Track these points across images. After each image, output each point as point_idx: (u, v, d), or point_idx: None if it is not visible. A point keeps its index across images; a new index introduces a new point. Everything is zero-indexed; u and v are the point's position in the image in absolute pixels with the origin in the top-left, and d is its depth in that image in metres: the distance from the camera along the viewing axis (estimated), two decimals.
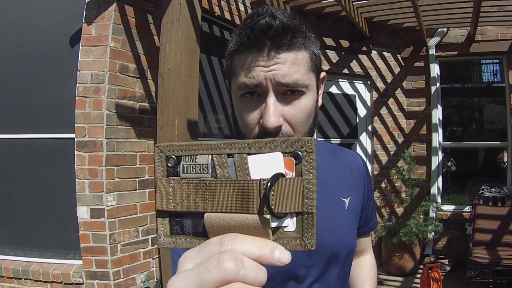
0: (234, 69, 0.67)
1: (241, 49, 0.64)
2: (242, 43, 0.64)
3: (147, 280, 2.78)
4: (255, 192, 0.33)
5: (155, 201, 0.36)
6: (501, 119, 4.55)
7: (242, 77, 0.64)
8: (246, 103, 0.66)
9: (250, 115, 0.66)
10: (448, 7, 3.79)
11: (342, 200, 0.78)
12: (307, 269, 0.72)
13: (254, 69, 0.62)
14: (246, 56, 0.63)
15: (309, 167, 0.34)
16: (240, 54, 0.65)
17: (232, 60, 0.67)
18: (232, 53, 0.67)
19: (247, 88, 0.64)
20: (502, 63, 4.40)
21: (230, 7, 3.49)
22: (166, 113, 2.14)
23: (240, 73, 0.65)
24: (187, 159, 0.36)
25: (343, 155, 0.84)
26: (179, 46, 2.10)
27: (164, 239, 0.36)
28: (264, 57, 0.62)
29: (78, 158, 2.60)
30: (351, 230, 0.78)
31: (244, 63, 0.64)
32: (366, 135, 4.61)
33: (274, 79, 0.62)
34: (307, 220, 0.35)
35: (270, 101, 0.63)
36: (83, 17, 2.62)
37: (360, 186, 0.82)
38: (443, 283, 3.40)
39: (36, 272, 2.63)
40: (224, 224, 0.33)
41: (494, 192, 4.05)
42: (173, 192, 0.35)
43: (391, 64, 4.66)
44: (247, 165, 0.34)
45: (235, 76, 0.66)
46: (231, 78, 0.69)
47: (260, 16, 0.61)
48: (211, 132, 3.45)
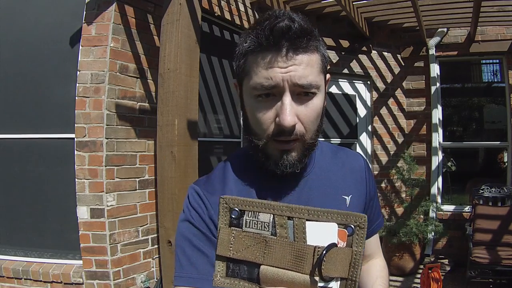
0: (248, 69, 0.67)
1: (258, 50, 0.65)
2: (259, 43, 0.64)
3: (147, 280, 2.78)
4: (309, 256, 0.38)
5: (155, 201, 0.38)
6: (501, 119, 4.55)
7: (259, 77, 0.65)
8: (261, 103, 0.67)
9: (265, 115, 0.67)
10: (448, 7, 3.79)
11: (343, 198, 0.79)
12: None
13: (273, 69, 0.64)
14: (263, 56, 0.64)
15: (359, 240, 0.39)
16: (256, 54, 0.65)
17: (246, 60, 0.67)
18: (245, 53, 0.67)
19: (264, 89, 0.65)
20: (502, 63, 4.40)
21: (230, 7, 3.49)
22: (166, 113, 2.14)
23: (256, 74, 0.65)
24: (250, 214, 0.42)
25: (344, 154, 0.86)
26: (179, 46, 2.10)
27: (220, 279, 0.42)
28: (282, 58, 0.63)
29: (78, 158, 2.60)
30: None
31: (261, 63, 0.64)
32: (366, 135, 4.61)
33: (291, 80, 0.64)
34: (350, 285, 0.39)
35: (287, 101, 0.64)
36: (83, 17, 2.62)
37: (361, 185, 0.84)
38: (443, 283, 3.40)
39: (36, 272, 2.63)
40: (277, 278, 0.38)
41: (494, 192, 4.05)
42: (234, 241, 0.41)
43: (391, 64, 4.66)
44: (305, 229, 0.40)
45: (250, 76, 0.67)
46: (243, 78, 0.70)
47: (279, 19, 0.63)
48: (211, 132, 3.45)
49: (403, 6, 3.80)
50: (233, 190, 0.74)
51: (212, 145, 3.49)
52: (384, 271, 0.92)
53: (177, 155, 2.08)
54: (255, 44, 0.65)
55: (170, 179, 2.10)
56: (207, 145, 3.37)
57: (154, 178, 2.86)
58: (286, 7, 3.87)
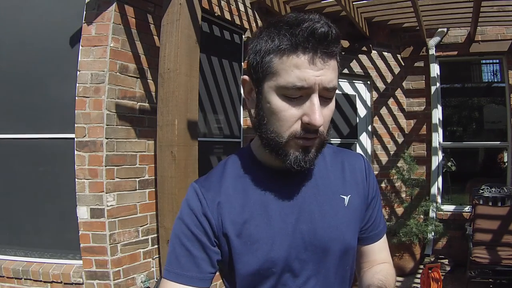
0: (277, 68, 0.67)
1: (293, 50, 0.65)
2: (297, 44, 0.65)
3: (147, 280, 2.78)
4: None
5: (155, 201, 0.38)
6: (501, 119, 4.55)
7: (292, 77, 0.65)
8: (285, 101, 0.68)
9: (289, 112, 0.68)
10: (448, 7, 3.79)
11: (342, 197, 0.80)
12: (302, 262, 0.75)
13: (307, 71, 0.65)
14: (298, 57, 0.65)
15: None
16: (290, 54, 0.65)
17: (275, 59, 0.67)
18: (274, 51, 0.67)
19: (296, 89, 0.66)
20: (502, 63, 4.40)
21: (230, 7, 3.49)
22: (166, 113, 2.14)
23: (288, 73, 0.66)
24: None
25: (345, 155, 0.88)
26: (179, 46, 2.10)
27: None
28: (317, 61, 0.65)
29: (78, 158, 2.60)
30: (349, 227, 0.80)
31: (292, 64, 0.65)
32: (366, 135, 4.61)
33: (321, 84, 0.66)
34: None
35: (317, 102, 0.67)
36: (83, 17, 2.62)
37: (362, 186, 0.84)
38: (443, 283, 3.40)
39: (36, 272, 2.63)
40: None
41: (494, 192, 4.05)
42: None
43: (391, 64, 4.66)
44: None
45: (279, 74, 0.67)
46: (266, 75, 0.69)
47: (318, 23, 0.64)
48: (211, 132, 3.45)
49: (403, 6, 3.80)
50: (230, 187, 0.76)
51: (212, 145, 3.49)
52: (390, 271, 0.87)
53: (177, 155, 2.08)
54: (291, 44, 0.65)
55: (170, 179, 2.10)
56: (207, 145, 3.37)
57: (154, 178, 2.86)
58: (286, 7, 3.87)
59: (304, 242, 0.75)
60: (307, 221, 0.76)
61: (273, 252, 0.73)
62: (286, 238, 0.74)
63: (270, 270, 0.73)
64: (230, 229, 0.73)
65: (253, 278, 0.74)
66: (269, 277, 0.74)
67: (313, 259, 0.76)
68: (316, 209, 0.77)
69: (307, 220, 0.76)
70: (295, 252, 0.74)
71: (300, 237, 0.75)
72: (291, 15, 0.68)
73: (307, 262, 0.75)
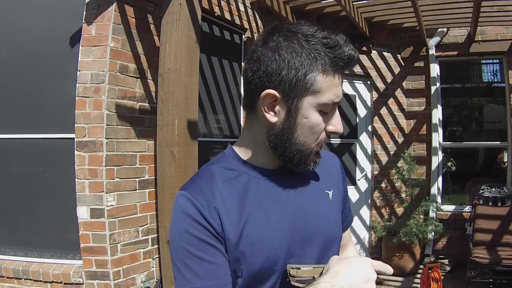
0: (320, 86, 0.71)
1: (333, 70, 0.72)
2: (336, 65, 0.71)
3: (147, 280, 2.78)
4: None
5: (155, 201, 0.37)
6: (501, 119, 4.55)
7: (332, 94, 0.73)
8: (321, 115, 0.74)
9: (322, 125, 0.75)
10: (448, 7, 3.79)
11: (327, 192, 0.86)
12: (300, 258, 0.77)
13: (339, 89, 0.74)
14: (335, 77, 0.72)
15: None
16: (331, 74, 0.72)
17: (316, 77, 0.71)
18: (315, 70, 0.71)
19: (333, 104, 0.74)
20: (502, 63, 4.40)
21: (230, 7, 3.49)
22: (166, 113, 2.13)
23: (329, 91, 0.72)
24: None
25: (324, 154, 0.91)
26: (179, 46, 2.10)
27: None
28: (341, 80, 0.75)
29: (78, 158, 2.60)
30: (337, 220, 0.87)
31: (332, 83, 0.72)
32: (366, 135, 4.61)
33: (340, 98, 0.75)
34: None
35: (337, 113, 0.77)
36: (83, 17, 2.62)
37: (338, 182, 0.92)
38: (443, 283, 3.40)
39: (36, 272, 2.63)
40: None
41: (494, 192, 4.05)
42: None
43: (391, 64, 4.66)
44: None
45: (321, 92, 0.72)
46: (306, 92, 0.71)
47: (349, 46, 0.72)
48: (211, 132, 3.45)
49: (403, 6, 3.80)
50: (222, 191, 0.75)
51: (212, 145, 3.49)
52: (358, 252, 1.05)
53: (177, 155, 2.08)
54: (334, 66, 0.71)
55: (170, 179, 2.10)
56: (207, 145, 3.37)
57: (154, 178, 2.86)
58: (286, 7, 3.87)
59: (300, 237, 0.77)
60: (302, 217, 0.78)
61: (274, 250, 0.74)
62: (285, 236, 0.75)
63: (272, 268, 0.74)
64: (231, 232, 0.72)
65: (256, 278, 0.74)
66: (270, 276, 0.75)
67: (309, 254, 0.78)
68: (308, 205, 0.80)
69: (302, 216, 0.78)
70: (293, 248, 0.76)
71: (296, 233, 0.77)
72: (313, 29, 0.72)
73: (304, 258, 0.77)
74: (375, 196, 4.53)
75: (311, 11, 4.04)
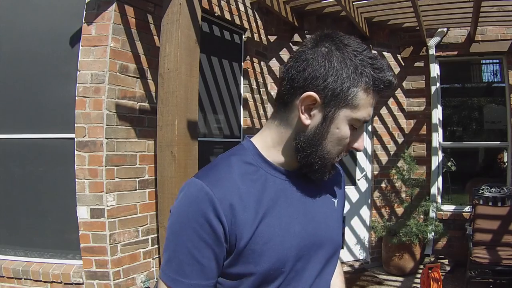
0: (358, 102, 0.73)
1: (372, 90, 0.74)
2: (376, 87, 0.74)
3: (147, 280, 2.78)
4: None
5: (155, 201, 0.37)
6: (501, 119, 4.55)
7: (366, 112, 0.75)
8: (351, 130, 0.76)
9: (348, 139, 0.76)
10: (448, 7, 3.78)
11: (333, 201, 0.88)
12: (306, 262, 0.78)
13: (371, 109, 0.76)
14: (373, 98, 0.75)
15: None
16: (370, 93, 0.74)
17: (358, 93, 0.73)
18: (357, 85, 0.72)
19: (363, 122, 0.76)
20: (502, 63, 4.39)
21: (230, 7, 3.49)
22: (166, 113, 2.14)
23: (365, 109, 0.74)
24: None
25: None
26: (179, 46, 2.10)
27: None
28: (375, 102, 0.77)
29: (78, 158, 2.60)
30: (339, 228, 0.89)
31: (368, 101, 0.74)
32: (366, 135, 4.61)
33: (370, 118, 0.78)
34: None
35: (364, 132, 0.81)
36: (83, 17, 2.62)
37: (340, 193, 0.93)
38: (443, 283, 3.40)
39: (36, 272, 2.63)
40: None
41: (494, 192, 4.05)
42: None
43: (391, 64, 4.65)
44: None
45: (357, 108, 0.74)
46: (345, 104, 0.73)
47: (391, 72, 0.75)
48: (211, 132, 3.45)
49: (403, 6, 3.80)
50: (241, 186, 0.73)
51: (212, 145, 3.49)
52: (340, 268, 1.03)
53: (177, 155, 2.08)
54: (375, 87, 0.74)
55: (170, 179, 2.10)
56: (207, 145, 3.37)
57: (154, 178, 2.86)
58: (286, 7, 3.87)
59: (309, 242, 0.78)
60: (312, 222, 0.79)
61: (284, 251, 0.74)
62: (294, 239, 0.75)
63: (280, 270, 0.74)
64: (244, 230, 0.71)
65: (263, 278, 0.73)
66: (277, 277, 0.74)
67: (315, 259, 0.79)
68: (319, 211, 0.82)
69: (312, 221, 0.79)
70: (301, 252, 0.76)
71: (306, 237, 0.77)
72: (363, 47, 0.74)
73: (310, 262, 0.78)
74: (375, 196, 4.53)
75: (311, 11, 4.04)
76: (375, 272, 4.20)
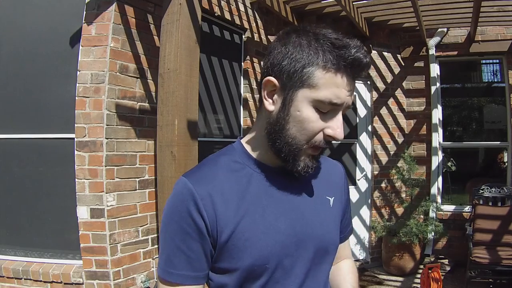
0: (316, 82, 0.71)
1: (335, 70, 0.71)
2: (338, 65, 0.70)
3: (147, 280, 2.79)
4: None
5: (155, 201, 0.38)
6: (501, 119, 4.55)
7: (330, 93, 0.71)
8: (317, 113, 0.73)
9: (316, 124, 0.73)
10: (448, 7, 3.79)
11: (327, 199, 0.87)
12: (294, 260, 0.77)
13: (341, 91, 0.71)
14: (336, 77, 0.71)
15: None
16: (332, 73, 0.71)
17: (314, 72, 0.71)
18: (314, 65, 0.71)
19: (330, 104, 0.72)
20: (502, 63, 4.40)
21: (230, 7, 3.49)
22: (166, 113, 2.14)
23: (327, 89, 0.71)
24: None
25: (326, 162, 0.94)
26: (179, 46, 2.10)
27: None
28: (350, 83, 0.73)
29: (78, 158, 2.60)
30: (335, 226, 0.87)
31: (332, 81, 0.71)
32: (366, 135, 4.61)
33: (347, 103, 0.74)
34: None
35: (340, 118, 0.74)
36: (83, 17, 2.62)
37: (340, 190, 0.92)
38: (443, 283, 3.40)
39: (36, 272, 2.63)
40: None
41: (494, 192, 4.05)
42: None
43: (391, 64, 4.66)
44: None
45: (317, 88, 0.71)
46: (302, 85, 0.72)
47: (360, 52, 0.71)
48: (211, 132, 3.45)
49: (403, 6, 3.80)
50: (224, 182, 0.76)
51: (212, 145, 3.49)
52: (354, 268, 1.01)
53: (177, 155, 2.08)
54: (337, 65, 0.71)
55: (170, 179, 2.10)
56: (207, 145, 3.37)
57: (154, 178, 2.86)
58: (286, 7, 3.87)
59: (296, 239, 0.77)
60: (299, 219, 0.78)
61: (267, 248, 0.74)
62: (279, 235, 0.75)
63: (264, 266, 0.74)
64: (224, 224, 0.73)
65: (247, 274, 0.74)
66: (262, 274, 0.75)
67: (304, 257, 0.78)
68: (307, 209, 0.81)
69: (299, 218, 0.78)
70: (287, 249, 0.76)
71: (293, 234, 0.77)
72: (329, 31, 0.73)
73: (298, 260, 0.77)
74: (375, 196, 4.53)
75: (311, 11, 4.04)
76: (375, 272, 4.20)
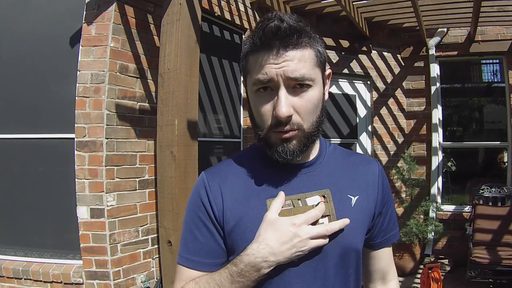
0: (249, 68, 0.75)
1: (254, 49, 0.73)
2: (254, 44, 0.72)
3: (147, 280, 2.78)
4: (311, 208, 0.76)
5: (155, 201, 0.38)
6: (501, 119, 4.55)
7: (257, 74, 0.72)
8: (261, 97, 0.74)
9: (264, 107, 0.74)
10: (448, 7, 3.79)
11: (349, 197, 0.80)
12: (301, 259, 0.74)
13: (266, 66, 0.71)
14: (258, 55, 0.72)
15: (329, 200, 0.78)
16: (253, 54, 0.73)
17: (247, 60, 0.76)
18: (246, 54, 0.76)
19: (260, 83, 0.72)
20: (502, 63, 4.40)
21: (230, 7, 3.49)
22: (166, 113, 2.14)
23: (254, 71, 0.73)
24: None
25: (357, 158, 0.89)
26: (179, 46, 2.10)
27: None
28: (274, 55, 0.70)
29: (78, 158, 2.60)
30: (354, 228, 0.78)
31: (257, 61, 0.72)
32: (366, 135, 4.61)
33: (284, 74, 0.70)
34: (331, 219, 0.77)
35: (282, 93, 0.71)
36: (83, 17, 2.62)
37: (373, 189, 0.84)
38: (443, 283, 3.40)
39: (36, 272, 2.63)
40: None
41: (494, 192, 4.05)
42: None
43: (391, 64, 4.66)
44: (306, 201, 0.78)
45: (250, 73, 0.75)
46: (246, 76, 0.78)
47: (270, 20, 0.70)
48: (211, 132, 3.45)
49: (403, 6, 3.80)
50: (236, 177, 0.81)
51: (212, 145, 3.49)
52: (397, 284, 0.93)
53: (177, 155, 2.08)
54: (252, 45, 0.73)
55: (170, 179, 2.10)
56: (207, 145, 3.37)
57: (154, 178, 2.86)
58: (286, 7, 3.87)
59: None
60: None
61: None
62: None
63: None
64: (230, 215, 0.77)
65: None
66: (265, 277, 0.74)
67: (312, 257, 0.75)
68: None
69: None
70: None
71: None
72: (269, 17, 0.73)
73: (305, 260, 0.75)
74: None
75: (311, 11, 4.04)
76: None
